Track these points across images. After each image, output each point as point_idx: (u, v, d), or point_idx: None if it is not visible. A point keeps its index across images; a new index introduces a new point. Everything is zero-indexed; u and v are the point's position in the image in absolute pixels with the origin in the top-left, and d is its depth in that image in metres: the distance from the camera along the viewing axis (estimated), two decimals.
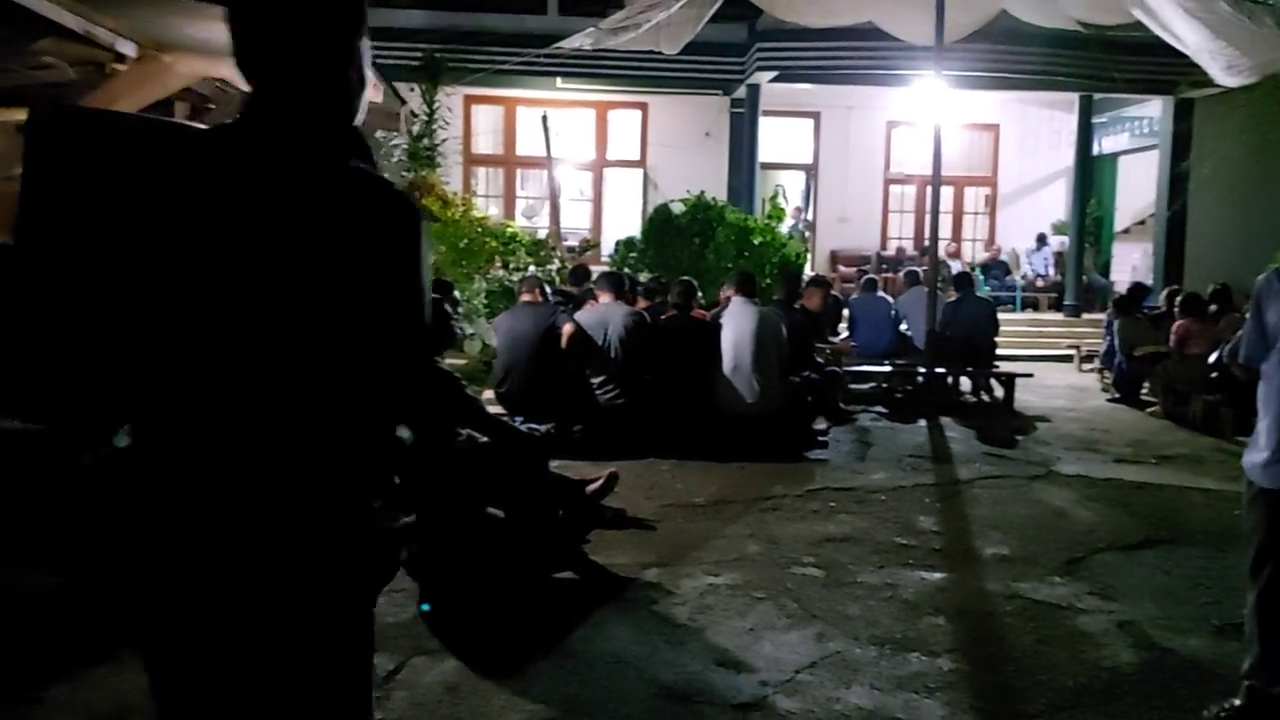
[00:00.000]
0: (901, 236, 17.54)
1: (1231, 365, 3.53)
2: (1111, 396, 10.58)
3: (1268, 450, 3.14)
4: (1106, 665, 3.83)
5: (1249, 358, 3.31)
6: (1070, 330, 14.51)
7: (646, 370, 7.45)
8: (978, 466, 7.24)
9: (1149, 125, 15.82)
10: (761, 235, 10.98)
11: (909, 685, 3.61)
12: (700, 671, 3.69)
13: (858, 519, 5.78)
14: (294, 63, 1.59)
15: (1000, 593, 4.63)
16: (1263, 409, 3.20)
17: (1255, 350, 3.26)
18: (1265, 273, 3.25)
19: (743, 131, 14.61)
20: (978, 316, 10.43)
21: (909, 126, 16.64)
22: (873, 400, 9.93)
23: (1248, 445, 3.29)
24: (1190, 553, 5.24)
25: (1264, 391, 3.20)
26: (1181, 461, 7.51)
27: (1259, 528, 3.22)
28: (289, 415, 1.56)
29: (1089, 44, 13.01)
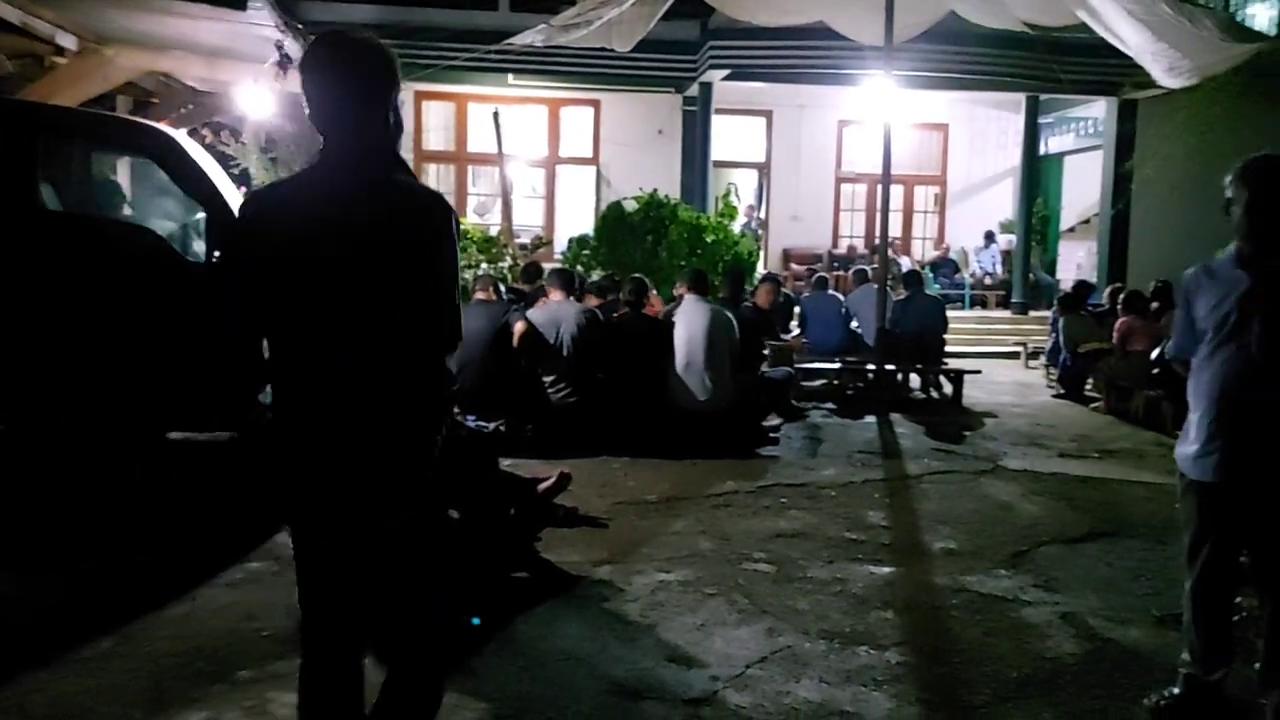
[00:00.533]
0: (853, 235, 17.69)
1: (1173, 362, 3.60)
2: (1057, 392, 10.77)
3: (1198, 443, 3.20)
4: (1050, 656, 3.89)
5: (1179, 350, 3.37)
6: (1017, 327, 14.74)
7: (599, 368, 7.45)
8: (926, 462, 7.33)
9: (1094, 126, 16.11)
10: (714, 233, 11.03)
11: (857, 678, 3.65)
12: (651, 668, 3.70)
13: (808, 514, 5.82)
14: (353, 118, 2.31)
15: (947, 586, 4.69)
16: (1193, 402, 3.26)
17: (1185, 344, 3.33)
18: (1193, 268, 3.32)
19: (695, 129, 14.64)
20: (927, 314, 10.57)
21: (860, 125, 16.79)
22: (824, 397, 10.02)
23: (1179, 438, 3.35)
24: (1132, 545, 5.35)
25: (1194, 385, 3.26)
26: (1124, 456, 7.67)
27: (1191, 519, 3.28)
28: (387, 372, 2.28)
29: (1035, 45, 13.20)
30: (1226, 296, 3.13)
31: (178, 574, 4.48)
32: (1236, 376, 3.10)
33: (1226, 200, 3.15)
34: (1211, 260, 3.27)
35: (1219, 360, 3.14)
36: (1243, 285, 3.09)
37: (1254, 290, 3.06)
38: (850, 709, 3.42)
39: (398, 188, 2.31)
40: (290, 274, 2.25)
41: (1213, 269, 3.24)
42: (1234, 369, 3.10)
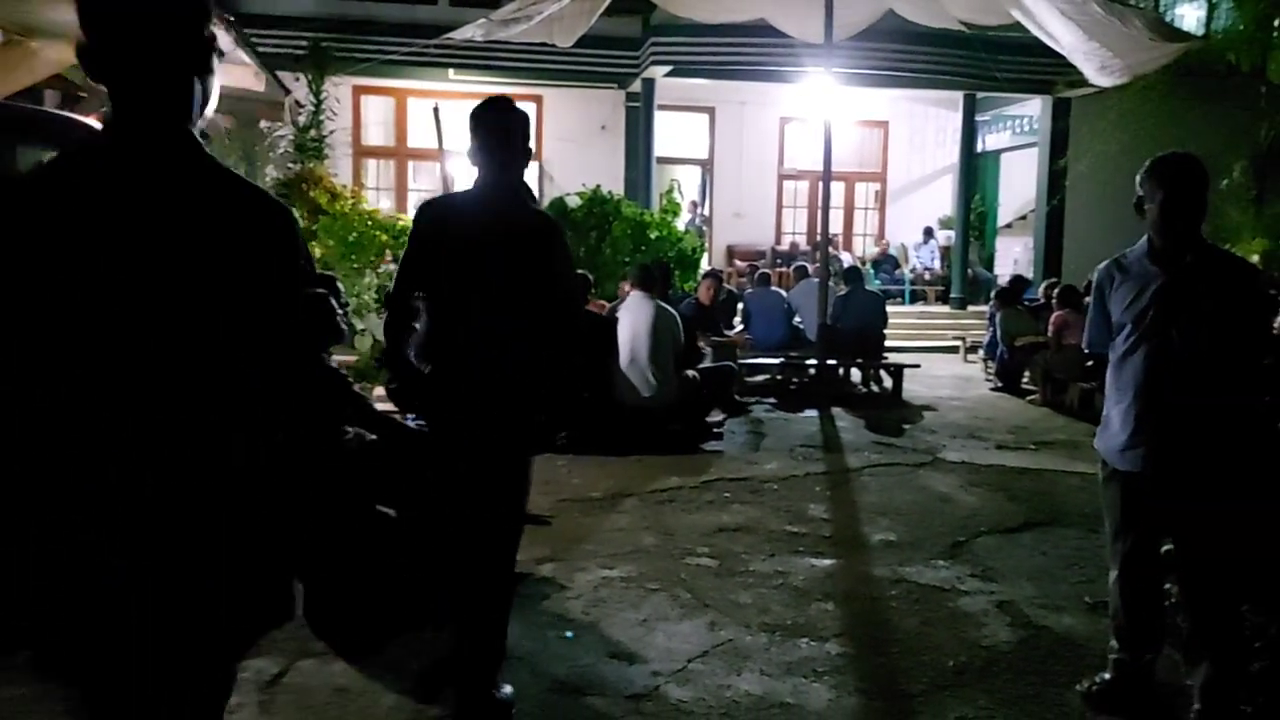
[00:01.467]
0: (796, 231, 17.83)
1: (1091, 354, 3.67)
2: (994, 385, 10.95)
3: (1123, 434, 3.25)
4: (986, 644, 3.95)
5: (1093, 344, 3.43)
6: (956, 322, 14.97)
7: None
8: (867, 455, 7.41)
9: (1029, 123, 16.41)
10: (658, 230, 11.03)
11: (798, 670, 3.67)
12: (593, 664, 3.69)
13: (751, 508, 5.85)
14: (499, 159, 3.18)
15: (887, 577, 4.74)
16: (1114, 395, 3.32)
17: (1099, 337, 3.39)
18: (1104, 262, 3.39)
19: (638, 125, 14.66)
20: (867, 309, 10.68)
21: (801, 123, 16.93)
22: (767, 392, 10.09)
23: (1099, 429, 3.42)
24: (1066, 534, 5.46)
25: (1114, 378, 3.32)
26: (1059, 447, 7.82)
27: (1114, 508, 3.35)
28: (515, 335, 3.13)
29: (972, 44, 13.41)
30: (1143, 291, 3.19)
31: None
32: (1158, 371, 3.16)
33: (1138, 197, 3.22)
34: (1122, 254, 3.34)
35: (1140, 354, 3.20)
36: (1158, 280, 3.16)
37: (1170, 287, 3.13)
38: (791, 701, 3.44)
39: (526, 209, 3.23)
40: (452, 259, 3.11)
41: (1124, 263, 3.30)
42: (1155, 364, 3.16)
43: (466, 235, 3.12)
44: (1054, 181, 14.94)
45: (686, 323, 8.09)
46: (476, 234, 3.11)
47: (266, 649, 3.77)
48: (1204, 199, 3.15)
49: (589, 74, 14.34)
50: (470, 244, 3.11)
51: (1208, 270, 3.13)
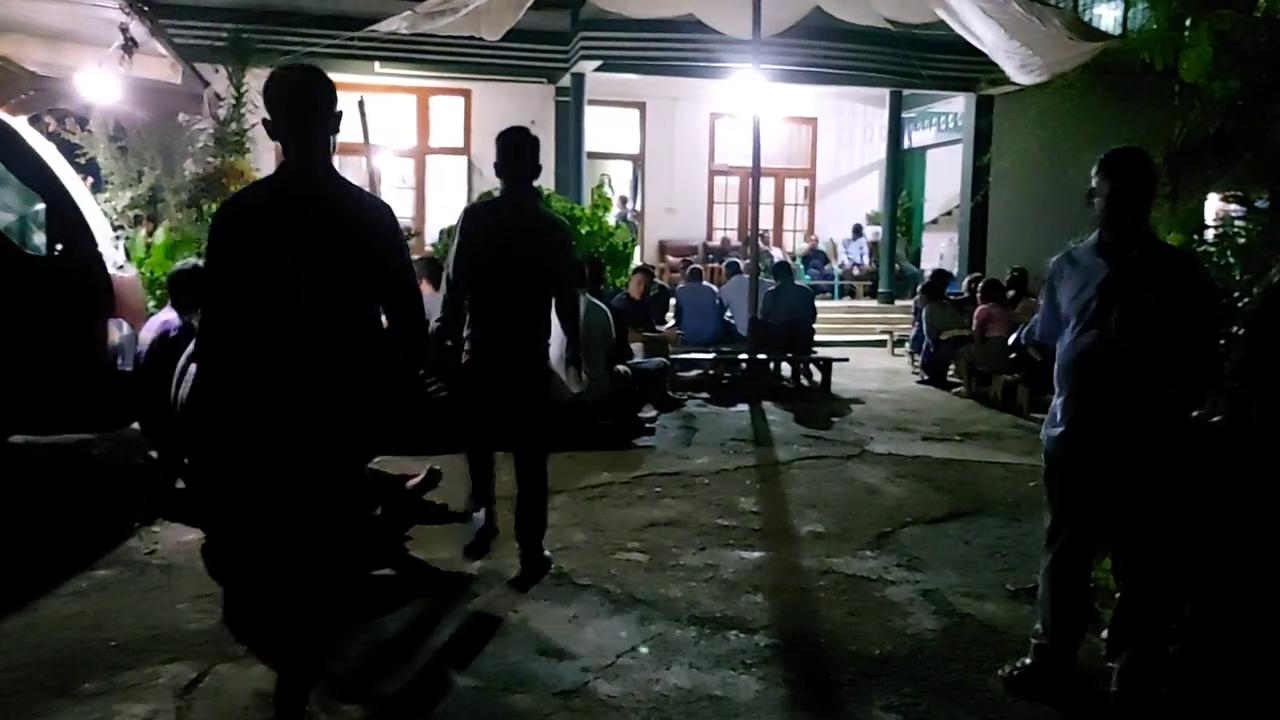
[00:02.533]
0: (727, 227, 17.91)
1: (1028, 346, 3.72)
2: (920, 378, 11.12)
3: (1062, 424, 3.30)
4: (911, 632, 4.01)
5: (1044, 336, 3.48)
6: (884, 316, 15.16)
7: None
8: (796, 448, 7.47)
9: (954, 120, 16.68)
10: (589, 225, 10.99)
11: (727, 663, 3.68)
12: (521, 662, 3.66)
13: (682, 503, 5.86)
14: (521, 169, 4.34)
15: (815, 568, 4.78)
16: (1058, 386, 3.36)
17: (1049, 329, 3.43)
18: (1057, 255, 3.44)
19: (568, 120, 14.58)
20: (797, 304, 10.78)
21: (732, 119, 17.01)
22: (699, 386, 10.11)
23: (1045, 420, 3.46)
24: (989, 523, 5.56)
25: (1057, 370, 3.36)
26: (983, 438, 7.96)
27: (1054, 497, 3.40)
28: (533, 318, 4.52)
29: (897, 42, 13.58)
30: (1088, 284, 3.23)
31: (18, 585, 4.23)
32: (1097, 362, 3.20)
33: (1089, 190, 3.25)
34: (1074, 247, 3.39)
35: (1081, 346, 3.24)
36: (1103, 273, 3.20)
37: (1112, 279, 3.18)
38: (719, 693, 3.44)
39: (544, 216, 4.65)
40: (486, 256, 4.38)
41: (1075, 256, 3.34)
42: (1095, 354, 3.20)
43: (496, 236, 4.38)
44: (978, 178, 15.20)
45: (618, 318, 8.07)
46: (505, 235, 4.37)
47: (184, 653, 3.68)
48: (1151, 193, 3.19)
49: (518, 68, 14.22)
50: (499, 243, 4.36)
51: (1152, 265, 3.17)
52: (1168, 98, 9.96)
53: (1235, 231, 6.99)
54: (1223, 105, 7.35)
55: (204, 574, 4.38)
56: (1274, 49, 5.70)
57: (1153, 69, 8.36)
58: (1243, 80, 6.32)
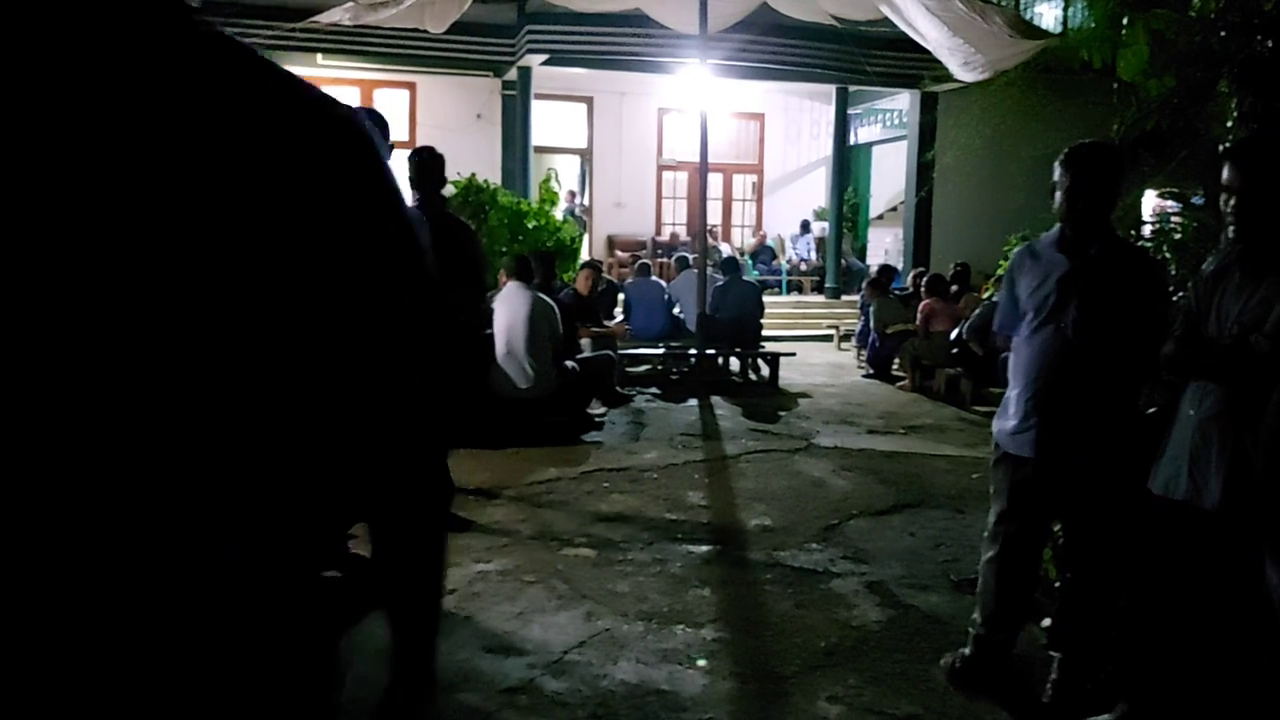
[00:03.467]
0: (676, 222, 17.95)
1: (970, 340, 3.74)
2: (866, 373, 11.22)
3: (1016, 419, 3.31)
4: (856, 624, 4.04)
5: (1001, 328, 3.48)
6: (831, 311, 15.29)
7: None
8: (744, 442, 7.50)
9: (899, 117, 16.86)
10: (536, 219, 10.93)
11: (673, 657, 3.68)
12: (467, 659, 3.62)
13: (630, 498, 5.85)
14: None
15: (762, 561, 4.80)
16: (1013, 379, 3.37)
17: (1007, 322, 3.43)
18: (1019, 248, 3.46)
19: (515, 114, 14.49)
20: (745, 299, 10.81)
21: (680, 114, 17.01)
22: (648, 382, 10.12)
23: (997, 412, 3.47)
24: (933, 515, 5.62)
25: (1014, 362, 3.37)
26: (927, 431, 8.06)
27: (1001, 489, 3.41)
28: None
29: (843, 38, 13.68)
30: (1047, 278, 3.23)
31: None
32: (1053, 357, 3.22)
33: (1051, 185, 3.26)
34: (1036, 241, 3.42)
35: (1039, 340, 3.25)
36: (1062, 268, 3.22)
37: (1072, 274, 3.21)
38: (666, 688, 3.44)
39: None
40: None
41: (1036, 250, 3.35)
42: (1052, 349, 3.22)
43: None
44: (922, 174, 15.36)
45: (565, 313, 8.03)
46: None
47: None
48: (1113, 188, 3.18)
49: (463, 61, 14.09)
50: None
51: (1112, 260, 3.18)
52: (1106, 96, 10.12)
53: (1171, 228, 7.12)
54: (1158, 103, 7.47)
55: None
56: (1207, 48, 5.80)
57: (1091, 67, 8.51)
58: (1177, 78, 6.43)
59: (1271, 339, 2.50)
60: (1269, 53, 4.88)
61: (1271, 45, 4.90)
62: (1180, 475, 2.74)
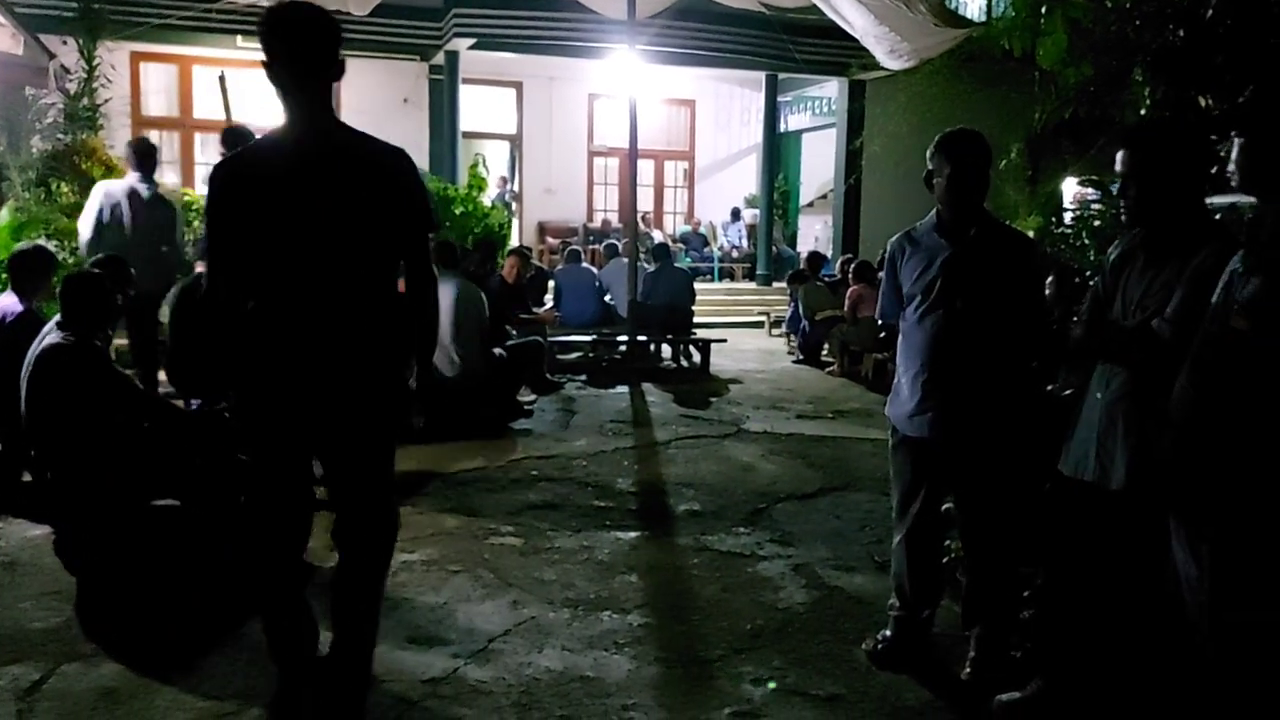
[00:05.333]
0: (607, 209, 17.89)
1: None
2: (796, 358, 11.32)
3: (911, 401, 3.37)
4: (782, 607, 4.06)
5: (886, 314, 3.55)
6: (762, 298, 15.38)
7: None
8: (674, 428, 7.50)
9: (828, 104, 16.99)
10: (463, 205, 10.79)
11: (599, 643, 3.66)
12: (389, 650, 3.55)
13: (558, 486, 5.81)
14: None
15: (690, 546, 4.80)
16: (903, 363, 3.44)
17: (891, 309, 3.51)
18: (896, 236, 3.50)
19: (443, 99, 14.28)
20: (676, 286, 10.81)
21: (610, 99, 16.95)
22: (579, 369, 10.07)
23: (890, 397, 3.54)
24: (859, 498, 5.68)
25: (904, 347, 3.44)
26: (854, 415, 8.15)
27: (903, 472, 3.47)
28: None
29: (772, 25, 13.75)
30: (931, 263, 3.31)
31: None
32: (943, 339, 3.28)
33: (928, 172, 3.33)
34: (913, 228, 3.46)
35: (928, 324, 3.32)
36: (945, 252, 3.29)
37: (955, 258, 3.26)
38: (591, 674, 3.42)
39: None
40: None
41: (915, 236, 3.42)
42: (941, 332, 3.28)
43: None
44: (851, 161, 15.51)
45: (493, 301, 7.95)
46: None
47: (27, 653, 3.47)
48: (987, 173, 3.27)
49: (389, 44, 13.83)
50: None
51: (990, 243, 3.27)
52: (1028, 84, 10.29)
53: (1090, 214, 7.25)
54: (1076, 91, 7.62)
55: (50, 571, 4.17)
56: (1123, 37, 5.92)
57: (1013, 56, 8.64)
58: (1094, 67, 6.56)
59: (1173, 323, 2.55)
60: (1181, 42, 5.00)
61: (1183, 35, 5.02)
62: (1088, 456, 2.80)
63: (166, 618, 3.83)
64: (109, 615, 3.83)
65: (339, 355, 2.75)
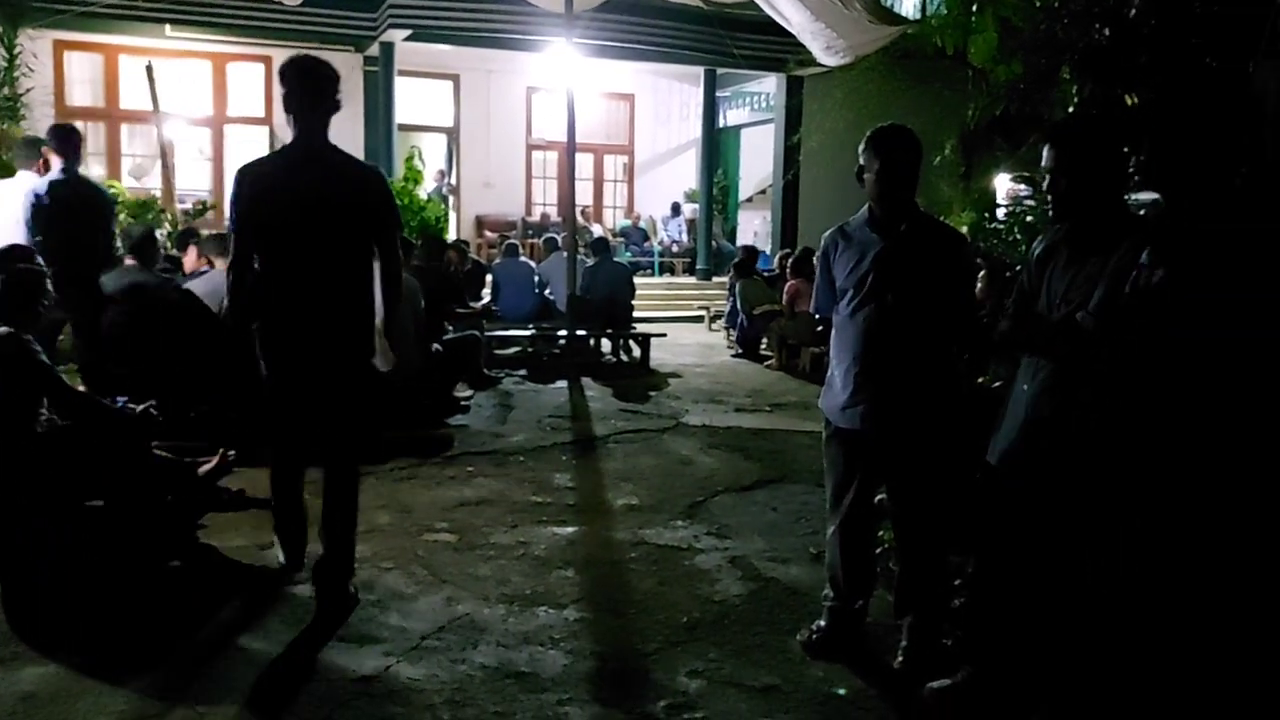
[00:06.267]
0: (546, 203, 17.79)
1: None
2: (735, 352, 11.37)
3: (844, 394, 3.40)
4: (718, 599, 4.07)
5: (820, 308, 3.58)
6: (702, 292, 15.40)
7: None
8: (613, 423, 7.49)
9: (766, 100, 17.07)
10: (399, 198, 10.65)
11: (535, 639, 3.64)
12: (317, 650, 3.50)
13: (495, 481, 5.76)
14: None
15: (627, 540, 4.79)
16: (836, 356, 3.47)
17: (825, 302, 3.53)
18: (829, 230, 3.53)
19: (378, 91, 14.02)
20: (616, 280, 10.80)
21: (549, 93, 16.81)
22: (517, 364, 10.01)
23: (823, 390, 3.56)
24: (795, 490, 5.72)
25: (837, 341, 3.47)
26: (791, 408, 8.20)
27: (836, 464, 3.50)
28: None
29: (711, 20, 13.75)
30: (864, 257, 3.33)
31: None
32: (875, 333, 3.31)
33: (859, 167, 3.35)
34: (846, 222, 3.48)
35: (860, 317, 3.34)
36: (877, 247, 3.31)
37: (887, 252, 3.28)
38: (526, 670, 3.40)
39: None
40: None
41: (847, 231, 3.45)
42: (873, 325, 3.32)
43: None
44: (789, 156, 15.60)
45: (429, 294, 7.85)
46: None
47: None
48: (917, 168, 3.30)
49: (322, 34, 13.52)
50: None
51: (921, 237, 3.31)
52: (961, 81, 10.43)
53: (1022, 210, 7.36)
54: (1007, 89, 7.73)
55: None
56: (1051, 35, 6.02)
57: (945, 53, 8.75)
58: (1024, 65, 6.67)
59: (1097, 315, 2.60)
60: (1107, 41, 5.09)
61: (1109, 34, 5.11)
62: (1015, 447, 2.84)
63: (93, 620, 3.72)
64: (34, 618, 3.72)
65: (324, 306, 3.76)
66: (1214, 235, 2.20)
